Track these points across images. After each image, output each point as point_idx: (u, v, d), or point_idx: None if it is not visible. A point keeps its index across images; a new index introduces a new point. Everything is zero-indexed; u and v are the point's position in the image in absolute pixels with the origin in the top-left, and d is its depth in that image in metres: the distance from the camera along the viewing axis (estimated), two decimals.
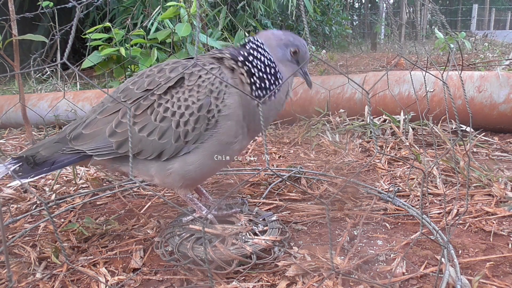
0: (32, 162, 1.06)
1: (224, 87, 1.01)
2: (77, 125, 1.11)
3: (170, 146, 1.03)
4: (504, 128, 2.12)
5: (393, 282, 0.94)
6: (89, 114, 1.13)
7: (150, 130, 1.03)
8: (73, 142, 1.08)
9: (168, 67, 1.07)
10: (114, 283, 0.98)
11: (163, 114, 1.02)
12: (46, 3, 2.43)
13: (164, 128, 1.02)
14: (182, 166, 1.06)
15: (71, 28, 0.61)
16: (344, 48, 8.67)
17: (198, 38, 0.72)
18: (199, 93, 1.01)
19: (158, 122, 1.02)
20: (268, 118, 1.14)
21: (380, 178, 1.61)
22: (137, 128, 1.03)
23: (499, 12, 16.89)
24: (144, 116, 1.03)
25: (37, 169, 1.06)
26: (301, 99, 2.55)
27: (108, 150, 1.06)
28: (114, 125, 1.05)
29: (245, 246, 1.03)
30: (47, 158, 1.08)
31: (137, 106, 1.04)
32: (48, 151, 1.09)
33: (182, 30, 3.00)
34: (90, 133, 1.07)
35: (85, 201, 1.49)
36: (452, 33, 1.42)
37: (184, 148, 1.03)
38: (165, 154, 1.04)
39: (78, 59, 5.91)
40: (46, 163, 1.07)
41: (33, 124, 2.61)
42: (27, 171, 1.06)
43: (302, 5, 0.71)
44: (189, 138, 1.02)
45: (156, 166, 1.07)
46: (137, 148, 1.04)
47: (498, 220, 1.21)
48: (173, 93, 1.03)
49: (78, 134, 1.09)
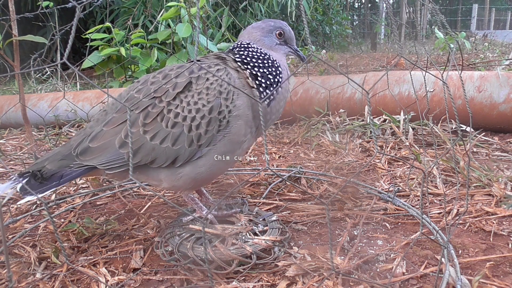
0: (40, 177, 1.03)
1: (232, 87, 1.02)
2: (82, 139, 1.07)
3: (184, 152, 1.01)
4: (504, 128, 2.12)
5: (393, 282, 0.94)
6: (93, 126, 1.09)
7: (163, 137, 1.00)
8: (80, 157, 1.04)
9: (173, 72, 1.05)
10: (114, 283, 0.98)
11: (174, 120, 1.00)
12: (46, 3, 2.44)
13: (177, 134, 1.00)
14: (193, 169, 1.05)
15: (71, 28, 0.61)
16: (344, 48, 8.67)
17: (198, 39, 0.72)
18: (208, 95, 1.01)
19: (170, 128, 1.00)
20: (279, 110, 1.13)
21: (380, 178, 1.61)
22: (148, 136, 1.01)
23: (499, 12, 16.88)
24: (154, 124, 1.01)
25: (46, 184, 1.03)
26: (301, 99, 2.55)
27: (120, 162, 1.02)
28: (123, 135, 1.02)
29: (245, 246, 1.03)
30: (54, 172, 1.05)
31: (146, 114, 1.01)
32: (54, 165, 1.06)
33: (183, 30, 3.00)
34: (98, 146, 1.03)
35: (85, 201, 1.49)
36: (452, 33, 1.41)
37: (197, 152, 1.03)
38: (179, 160, 1.02)
39: (78, 59, 5.91)
40: (54, 177, 1.04)
41: (33, 124, 2.61)
42: (36, 187, 1.03)
43: (302, 5, 0.71)
44: (202, 141, 1.01)
45: (166, 171, 1.05)
46: (151, 157, 1.01)
47: (498, 220, 1.21)
48: (182, 98, 1.01)
49: (85, 148, 1.04)
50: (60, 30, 1.80)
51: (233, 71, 1.06)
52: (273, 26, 1.13)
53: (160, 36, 3.23)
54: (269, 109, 1.09)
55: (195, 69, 1.04)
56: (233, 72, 1.05)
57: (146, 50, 3.54)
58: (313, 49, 3.65)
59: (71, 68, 0.86)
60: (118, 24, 5.15)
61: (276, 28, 1.12)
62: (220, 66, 1.05)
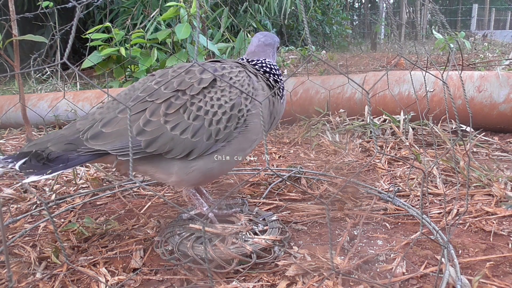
0: (44, 157, 1.00)
1: (252, 88, 1.11)
2: (92, 125, 1.06)
3: (201, 145, 1.05)
4: (504, 128, 2.12)
5: (393, 282, 0.94)
6: (103, 113, 1.09)
7: (183, 128, 1.04)
8: (91, 141, 1.03)
9: (196, 68, 1.10)
10: (114, 283, 0.98)
11: (197, 113, 1.05)
12: (46, 3, 2.44)
13: (197, 127, 1.04)
14: (206, 164, 1.08)
15: (71, 28, 0.61)
16: (344, 48, 8.67)
17: (198, 39, 0.72)
18: (231, 93, 1.08)
19: (191, 121, 1.04)
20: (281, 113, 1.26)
21: (380, 178, 1.61)
22: (169, 126, 1.04)
23: (499, 12, 16.88)
24: (176, 115, 1.04)
25: (51, 165, 0.99)
26: (301, 99, 2.55)
27: (135, 149, 1.03)
28: (142, 123, 1.03)
29: (245, 246, 1.03)
30: (59, 154, 1.02)
31: (169, 105, 1.05)
32: (59, 148, 1.03)
33: (182, 31, 3.00)
34: (113, 131, 1.04)
35: (85, 201, 1.49)
36: (452, 33, 1.41)
37: (213, 147, 1.07)
38: (195, 152, 1.05)
39: (78, 59, 5.91)
40: (59, 159, 1.01)
41: (33, 124, 2.61)
42: (39, 168, 0.99)
43: (302, 5, 0.71)
44: (220, 136, 1.06)
45: (179, 164, 1.07)
46: (168, 147, 1.04)
47: (498, 220, 1.21)
48: (205, 93, 1.06)
49: (97, 133, 1.04)
50: (60, 30, 1.80)
51: (252, 75, 1.15)
52: (274, 41, 1.30)
53: (160, 36, 3.23)
54: (281, 107, 1.22)
55: (218, 68, 1.12)
56: (252, 76, 1.15)
57: (146, 50, 3.55)
58: (313, 49, 3.65)
59: (71, 68, 0.86)
60: (117, 23, 5.15)
61: (275, 42, 1.30)
62: (240, 68, 1.14)
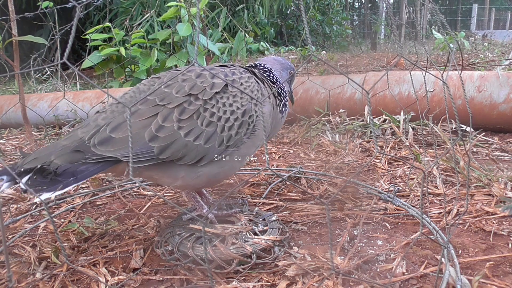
0: (51, 172, 0.92)
1: (261, 95, 1.13)
2: (98, 130, 0.99)
3: (213, 151, 1.04)
4: (504, 128, 2.11)
5: (393, 282, 0.94)
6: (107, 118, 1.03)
7: (197, 135, 1.02)
8: (99, 147, 0.96)
9: (207, 72, 1.08)
10: (114, 283, 0.98)
11: (210, 119, 1.03)
12: (46, 3, 2.44)
13: (210, 133, 1.03)
14: (213, 169, 1.07)
15: (71, 28, 0.61)
16: (344, 48, 8.67)
17: (198, 39, 0.72)
18: (242, 99, 1.08)
19: (205, 127, 1.03)
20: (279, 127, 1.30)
21: (380, 178, 1.61)
22: (182, 132, 1.01)
23: (499, 12, 16.87)
24: (190, 121, 1.02)
25: (59, 180, 0.91)
26: (301, 99, 2.55)
27: (148, 156, 0.99)
28: (154, 129, 0.99)
29: (245, 246, 1.03)
30: (66, 167, 0.94)
31: (182, 111, 1.02)
32: (64, 159, 0.95)
33: (183, 30, 3.00)
34: (124, 137, 0.97)
35: (85, 201, 1.49)
36: (452, 33, 1.41)
37: (223, 153, 1.06)
38: (205, 159, 1.04)
39: (78, 59, 5.91)
40: (66, 172, 0.93)
41: (33, 124, 2.61)
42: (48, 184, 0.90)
43: (302, 5, 0.71)
44: (231, 142, 1.06)
45: (186, 169, 1.05)
46: (181, 153, 1.01)
47: (498, 220, 1.21)
48: (218, 99, 1.05)
49: (106, 138, 0.97)
50: (59, 30, 1.80)
51: (260, 82, 1.17)
52: (289, 66, 1.35)
53: (160, 36, 3.24)
54: (281, 120, 1.25)
55: (228, 72, 1.11)
56: (260, 82, 1.17)
57: (146, 50, 3.55)
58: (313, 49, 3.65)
59: (71, 68, 0.86)
60: (116, 23, 5.15)
61: (290, 67, 1.34)
62: (249, 74, 1.15)
